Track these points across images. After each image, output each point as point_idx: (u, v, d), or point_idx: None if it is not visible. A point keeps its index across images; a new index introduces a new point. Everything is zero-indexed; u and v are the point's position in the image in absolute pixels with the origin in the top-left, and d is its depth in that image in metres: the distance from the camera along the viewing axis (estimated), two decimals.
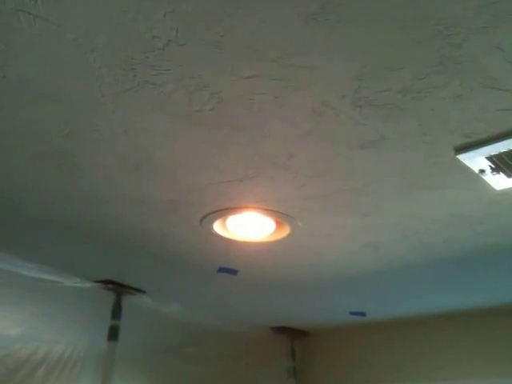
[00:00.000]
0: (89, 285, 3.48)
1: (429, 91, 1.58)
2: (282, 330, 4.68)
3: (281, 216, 2.43)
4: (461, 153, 1.84)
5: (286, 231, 2.59)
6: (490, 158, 1.85)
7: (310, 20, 1.35)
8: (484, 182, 2.01)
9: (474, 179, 2.00)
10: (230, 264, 3.05)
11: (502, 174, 1.94)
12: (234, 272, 3.12)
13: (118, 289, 3.56)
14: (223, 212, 2.41)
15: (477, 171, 1.93)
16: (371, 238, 2.62)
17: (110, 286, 3.51)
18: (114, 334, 3.48)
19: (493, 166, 1.89)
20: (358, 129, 1.77)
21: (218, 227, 2.56)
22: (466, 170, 1.94)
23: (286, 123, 1.76)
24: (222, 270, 3.09)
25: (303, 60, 1.49)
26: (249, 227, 2.56)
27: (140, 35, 1.43)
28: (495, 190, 2.05)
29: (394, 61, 1.48)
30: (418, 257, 2.86)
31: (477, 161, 1.87)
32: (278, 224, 2.55)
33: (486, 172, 1.93)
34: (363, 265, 3.01)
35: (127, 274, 3.43)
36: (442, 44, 1.42)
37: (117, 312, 3.53)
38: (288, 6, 1.32)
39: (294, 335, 4.75)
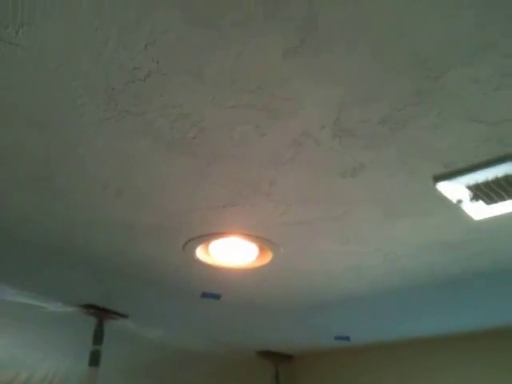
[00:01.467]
0: (70, 309, 3.44)
1: (407, 121, 1.61)
2: (267, 354, 4.64)
3: (263, 242, 2.43)
4: (439, 182, 1.86)
5: (268, 257, 2.59)
6: (468, 187, 1.88)
7: (289, 53, 1.37)
8: (462, 211, 2.03)
9: (453, 208, 2.03)
10: (214, 289, 3.03)
11: (479, 204, 1.96)
12: (216, 297, 3.10)
13: (100, 313, 3.52)
14: (206, 237, 2.41)
15: (455, 200, 1.96)
16: (353, 262, 2.63)
17: (92, 310, 3.47)
18: (95, 359, 3.43)
19: (471, 195, 1.92)
20: (337, 158, 1.78)
21: (200, 252, 2.56)
22: (445, 199, 1.97)
23: (267, 152, 1.78)
24: (205, 295, 3.07)
25: (283, 91, 1.51)
26: (232, 253, 2.55)
27: (121, 66, 1.44)
28: (473, 219, 2.08)
29: (373, 92, 1.51)
30: (400, 281, 2.87)
31: (455, 190, 1.90)
32: (261, 249, 2.55)
33: (465, 201, 1.95)
34: (346, 289, 3.01)
35: (110, 298, 3.40)
36: (421, 76, 1.45)
37: (98, 337, 3.49)
38: (267, 39, 1.34)
39: (278, 359, 4.72)
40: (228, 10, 1.27)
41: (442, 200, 1.98)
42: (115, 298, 3.38)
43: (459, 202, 1.95)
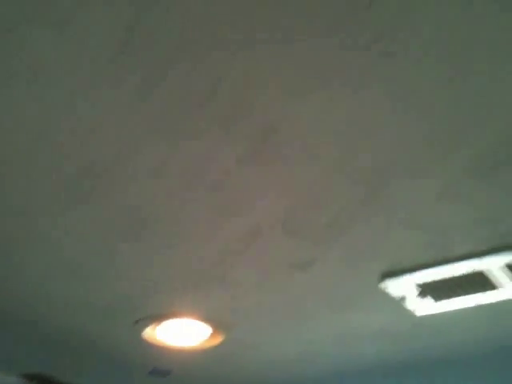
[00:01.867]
0: (12, 379, 3.30)
1: (354, 225, 1.69)
2: None
3: (215, 323, 2.43)
4: (385, 279, 1.93)
5: (221, 337, 2.58)
6: (412, 286, 1.95)
7: (243, 160, 1.44)
8: (406, 307, 2.10)
9: (398, 304, 2.09)
10: (163, 367, 2.98)
11: (422, 302, 2.04)
12: (164, 375, 3.03)
13: None
14: (157, 318, 2.39)
15: (399, 298, 2.03)
16: (304, 347, 2.64)
17: (35, 381, 3.33)
18: None
19: (415, 293, 1.99)
20: (287, 252, 1.84)
21: (151, 332, 2.53)
22: (389, 295, 2.04)
23: (221, 242, 1.82)
24: (152, 372, 3.00)
25: (236, 191, 1.57)
26: (183, 333, 2.53)
27: (75, 160, 1.47)
28: (416, 316, 2.15)
29: (322, 198, 1.58)
30: (351, 365, 2.89)
31: (400, 287, 1.97)
32: (214, 330, 2.54)
33: (408, 299, 2.02)
34: (297, 372, 3.00)
35: (56, 370, 3.28)
36: (368, 185, 1.53)
37: None
38: (221, 146, 1.41)
39: None
40: (188, 119, 1.33)
41: (386, 297, 2.05)
42: (62, 370, 3.27)
43: (403, 299, 2.01)
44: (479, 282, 1.92)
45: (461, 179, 1.48)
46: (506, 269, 1.83)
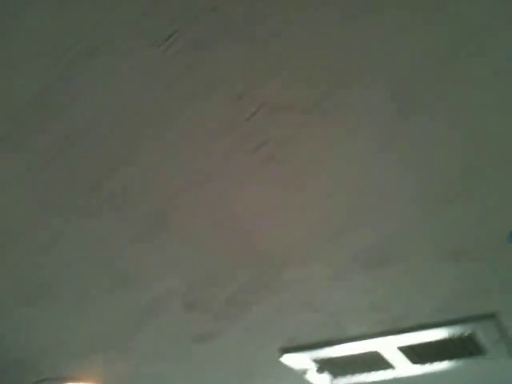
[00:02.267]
0: None
1: (252, 303, 1.72)
2: None
3: None
4: (285, 354, 1.96)
5: None
6: (312, 361, 1.98)
7: (136, 238, 1.45)
8: (307, 380, 2.13)
9: (299, 377, 2.12)
10: None
11: (323, 375, 2.07)
12: None
13: None
14: (56, 381, 2.31)
15: (300, 371, 2.05)
16: None
17: None
18: None
19: (315, 367, 2.02)
20: (188, 325, 1.84)
21: None
22: (291, 369, 2.06)
23: (120, 314, 1.80)
24: None
25: (131, 267, 1.57)
26: None
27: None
28: None
29: (219, 277, 1.60)
30: None
31: (300, 362, 2.00)
32: None
33: (309, 373, 2.05)
34: None
35: None
36: (262, 270, 1.57)
37: None
38: (114, 225, 1.41)
39: None
40: (81, 198, 1.33)
41: (288, 370, 2.07)
42: None
43: (304, 372, 2.04)
44: (375, 360, 1.98)
45: (352, 268, 1.55)
46: (398, 350, 1.90)
